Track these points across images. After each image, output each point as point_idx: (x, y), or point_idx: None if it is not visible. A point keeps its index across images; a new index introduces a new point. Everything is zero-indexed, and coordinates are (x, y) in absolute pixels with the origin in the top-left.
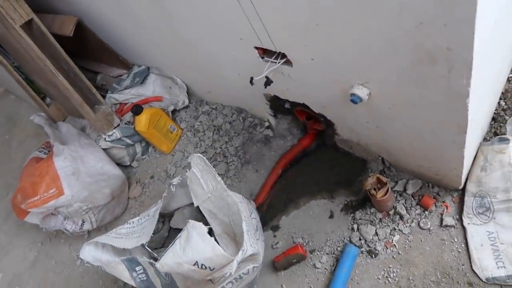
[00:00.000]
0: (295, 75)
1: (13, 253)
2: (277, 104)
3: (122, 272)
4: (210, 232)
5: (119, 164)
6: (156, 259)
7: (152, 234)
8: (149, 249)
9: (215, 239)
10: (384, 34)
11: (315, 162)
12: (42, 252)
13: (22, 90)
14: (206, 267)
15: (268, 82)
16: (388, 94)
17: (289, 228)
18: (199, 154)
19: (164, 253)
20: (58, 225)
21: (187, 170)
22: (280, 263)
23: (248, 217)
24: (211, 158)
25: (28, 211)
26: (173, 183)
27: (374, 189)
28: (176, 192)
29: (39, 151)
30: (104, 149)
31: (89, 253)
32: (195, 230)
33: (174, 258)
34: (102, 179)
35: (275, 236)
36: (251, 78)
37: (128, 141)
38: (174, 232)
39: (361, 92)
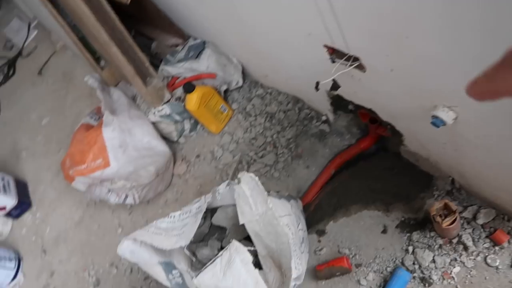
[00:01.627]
0: (367, 81)
1: (60, 210)
2: (339, 103)
3: (159, 273)
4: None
5: (165, 139)
6: (194, 254)
7: None
8: (188, 252)
9: (258, 261)
10: (489, 57)
11: (373, 168)
12: (87, 214)
13: (78, 50)
14: None
15: (335, 86)
16: (479, 123)
17: (336, 236)
18: (252, 174)
19: (203, 270)
20: (103, 195)
21: (236, 178)
22: (322, 273)
23: (295, 233)
24: (260, 146)
25: (74, 178)
26: (219, 191)
27: (440, 216)
28: (221, 190)
29: (90, 117)
30: (153, 123)
31: (127, 248)
32: (238, 256)
33: (212, 279)
34: (148, 154)
35: (319, 241)
36: (317, 84)
37: (177, 117)
38: (215, 229)
39: (446, 116)
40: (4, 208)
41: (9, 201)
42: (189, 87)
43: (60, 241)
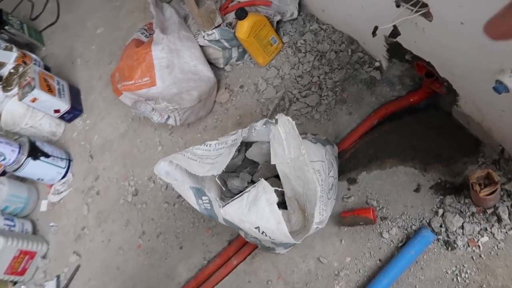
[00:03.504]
0: (431, 31)
1: (108, 120)
2: (396, 51)
3: (190, 197)
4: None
5: (211, 65)
6: (225, 183)
7: None
8: (219, 182)
9: (284, 201)
10: None
11: (418, 124)
12: (131, 127)
13: None
14: (267, 235)
15: (395, 33)
16: None
17: (366, 187)
18: (289, 118)
19: (230, 202)
20: (147, 113)
21: (274, 118)
22: (346, 220)
23: (324, 180)
24: (305, 85)
25: (122, 92)
26: (255, 128)
27: (479, 184)
28: (258, 127)
29: (141, 33)
30: (201, 46)
31: (163, 168)
32: (265, 195)
33: (238, 213)
34: (193, 78)
35: (349, 189)
36: (375, 29)
37: (226, 44)
38: (247, 162)
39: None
40: (58, 111)
41: (63, 105)
42: (241, 13)
43: (106, 150)
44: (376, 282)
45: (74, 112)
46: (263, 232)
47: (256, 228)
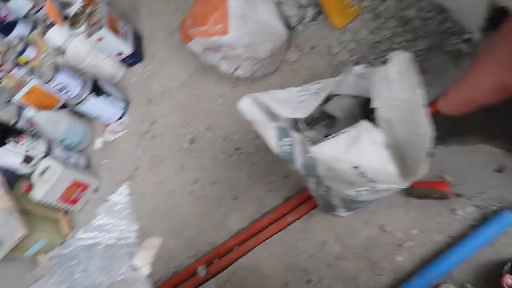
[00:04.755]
0: None
1: (169, 69)
2: (496, 21)
3: (270, 136)
4: None
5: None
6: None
7: None
8: (304, 124)
9: None
10: None
11: (507, 103)
12: (193, 78)
13: None
14: (365, 176)
15: None
16: None
17: (443, 161)
18: (409, 54)
19: (323, 140)
20: (215, 61)
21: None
22: (417, 191)
23: None
24: (383, 51)
25: (192, 38)
26: (353, 71)
27: None
28: (344, 77)
29: None
30: (276, 2)
31: (247, 105)
32: (367, 135)
33: (333, 151)
34: (265, 32)
35: None
36: None
37: (303, 1)
38: (325, 116)
39: None
40: (121, 54)
41: (127, 48)
42: None
43: (164, 97)
44: (445, 258)
45: (136, 57)
46: (362, 173)
47: (354, 168)
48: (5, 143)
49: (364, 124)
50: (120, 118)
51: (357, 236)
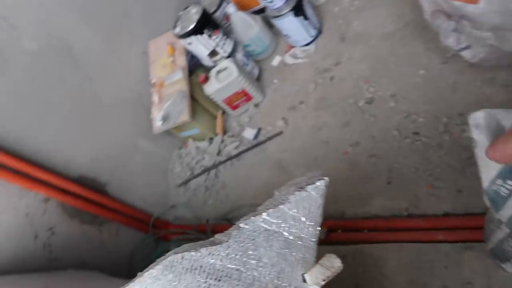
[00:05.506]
0: None
1: (376, 11)
2: None
3: (489, 169)
4: None
5: None
6: None
7: None
8: None
9: None
10: None
11: None
12: (400, 33)
13: None
14: None
15: None
16: None
17: None
18: None
19: None
20: (443, 28)
21: None
22: None
23: None
24: None
25: None
26: None
27: None
28: None
29: None
30: None
31: (479, 119)
32: None
33: None
34: None
35: None
36: None
37: None
38: None
39: None
40: None
41: None
42: None
43: (360, 41)
44: None
45: None
46: None
47: None
48: (202, 32)
49: None
50: (307, 45)
51: None
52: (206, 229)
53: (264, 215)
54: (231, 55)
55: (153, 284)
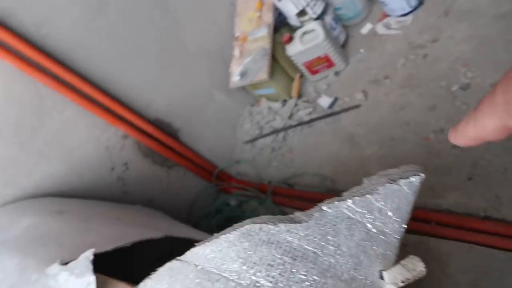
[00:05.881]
0: None
1: None
2: None
3: None
4: None
5: None
6: None
7: None
8: None
9: None
10: None
11: None
12: None
13: None
14: None
15: None
16: None
17: None
18: None
19: None
20: None
21: None
22: None
23: None
24: None
25: None
26: None
27: None
28: None
29: None
30: None
31: None
32: None
33: None
34: None
35: None
36: None
37: None
38: None
39: None
40: None
41: None
42: None
43: (467, 18)
44: None
45: None
46: None
47: None
48: None
49: None
50: (404, 15)
51: None
52: (266, 190)
53: (349, 202)
54: (319, 17)
55: (228, 248)
